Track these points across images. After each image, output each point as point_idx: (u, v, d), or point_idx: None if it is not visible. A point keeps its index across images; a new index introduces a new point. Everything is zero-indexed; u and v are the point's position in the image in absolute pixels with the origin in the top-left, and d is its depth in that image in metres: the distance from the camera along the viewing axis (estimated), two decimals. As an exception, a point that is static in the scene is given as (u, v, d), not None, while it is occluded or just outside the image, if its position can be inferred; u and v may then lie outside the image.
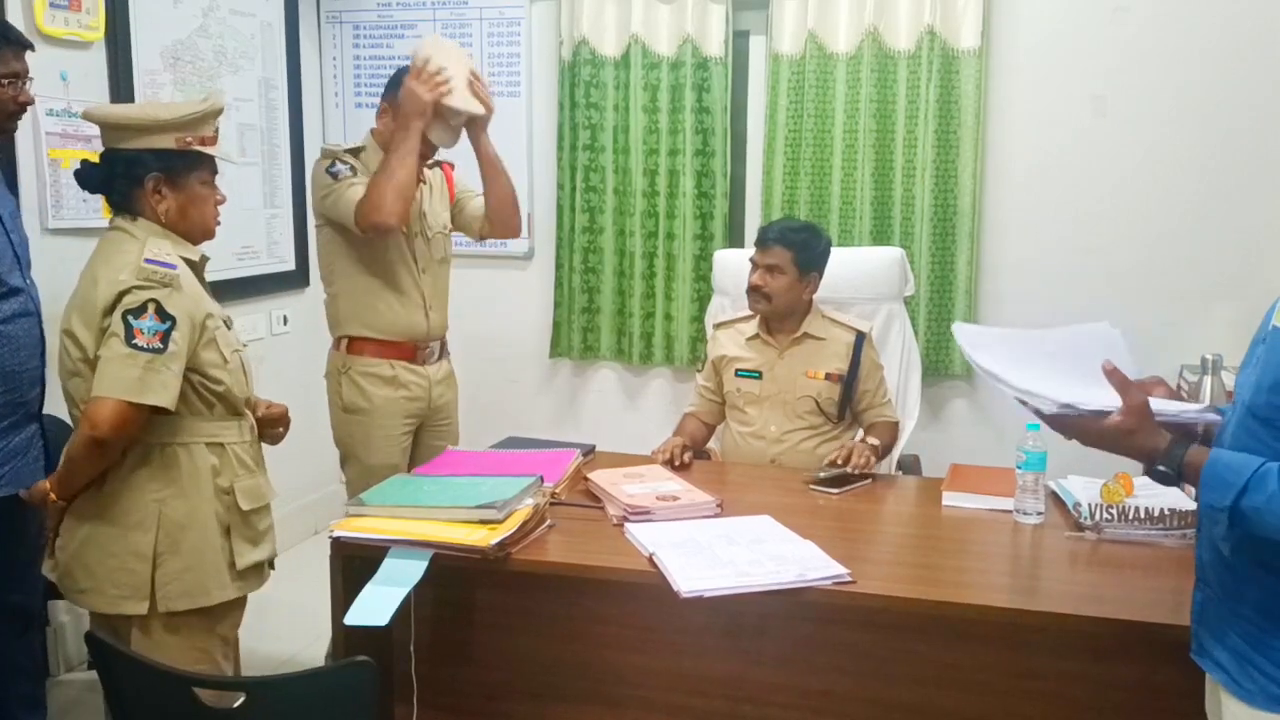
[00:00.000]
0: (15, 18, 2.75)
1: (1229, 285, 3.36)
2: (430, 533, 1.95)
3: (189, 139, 2.00)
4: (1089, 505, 2.11)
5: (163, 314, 1.89)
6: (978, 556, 2.07)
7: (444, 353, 2.95)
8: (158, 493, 1.96)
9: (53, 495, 1.96)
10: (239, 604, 2.10)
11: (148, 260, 1.91)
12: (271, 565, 2.21)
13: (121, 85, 3.09)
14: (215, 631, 2.04)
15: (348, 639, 1.94)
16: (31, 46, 2.38)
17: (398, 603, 1.84)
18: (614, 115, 3.81)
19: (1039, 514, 2.19)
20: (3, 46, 2.29)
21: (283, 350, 3.88)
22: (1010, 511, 2.21)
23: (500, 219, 2.92)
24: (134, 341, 1.86)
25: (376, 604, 1.84)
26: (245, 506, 2.05)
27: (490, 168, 2.86)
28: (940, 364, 3.63)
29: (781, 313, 2.74)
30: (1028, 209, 3.56)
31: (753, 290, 2.73)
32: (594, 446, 2.69)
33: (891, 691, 1.91)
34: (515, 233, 2.99)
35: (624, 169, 3.83)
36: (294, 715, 1.54)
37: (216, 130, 2.06)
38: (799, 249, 2.70)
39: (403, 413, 2.82)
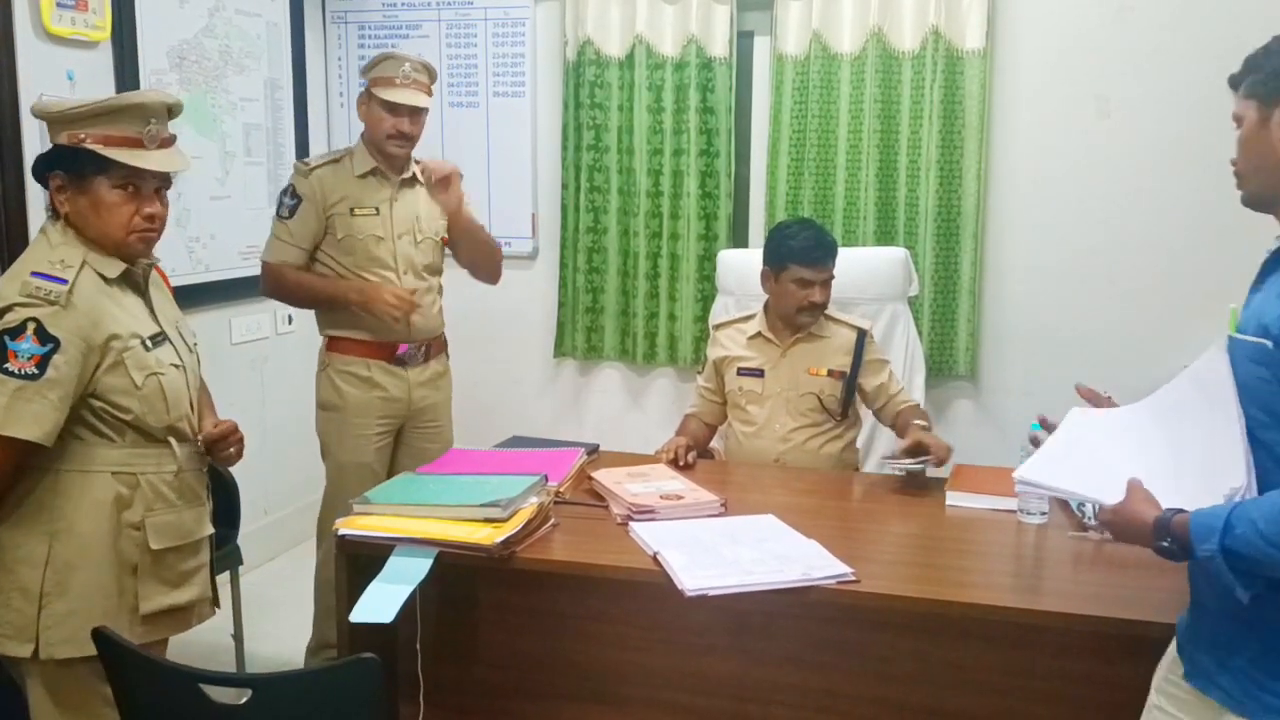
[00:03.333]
0: (22, 17, 2.76)
1: (1234, 286, 3.31)
2: (435, 531, 1.95)
3: (81, 136, 1.77)
4: (1093, 505, 2.11)
5: (43, 335, 1.69)
6: (981, 556, 2.07)
7: (432, 355, 2.93)
8: (48, 525, 1.77)
9: None
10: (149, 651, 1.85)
11: (34, 274, 1.73)
12: (216, 604, 2.03)
13: (127, 85, 3.10)
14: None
15: (353, 637, 1.95)
16: None
17: (403, 600, 1.85)
18: (618, 115, 3.81)
19: (1043, 514, 2.19)
20: None
21: (287, 350, 3.89)
22: (1014, 511, 2.22)
23: (474, 274, 3.03)
24: (5, 365, 1.67)
25: (382, 601, 1.84)
26: (156, 545, 1.84)
27: (461, 233, 2.91)
28: (944, 364, 3.64)
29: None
30: (1032, 210, 3.56)
31: (815, 307, 2.70)
32: (598, 446, 2.69)
33: (895, 691, 1.91)
34: (493, 282, 3.10)
35: (628, 169, 3.83)
36: (300, 712, 1.54)
37: (146, 133, 1.82)
38: (836, 253, 2.74)
39: (377, 412, 2.82)
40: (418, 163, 2.90)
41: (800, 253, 2.68)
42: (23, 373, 1.68)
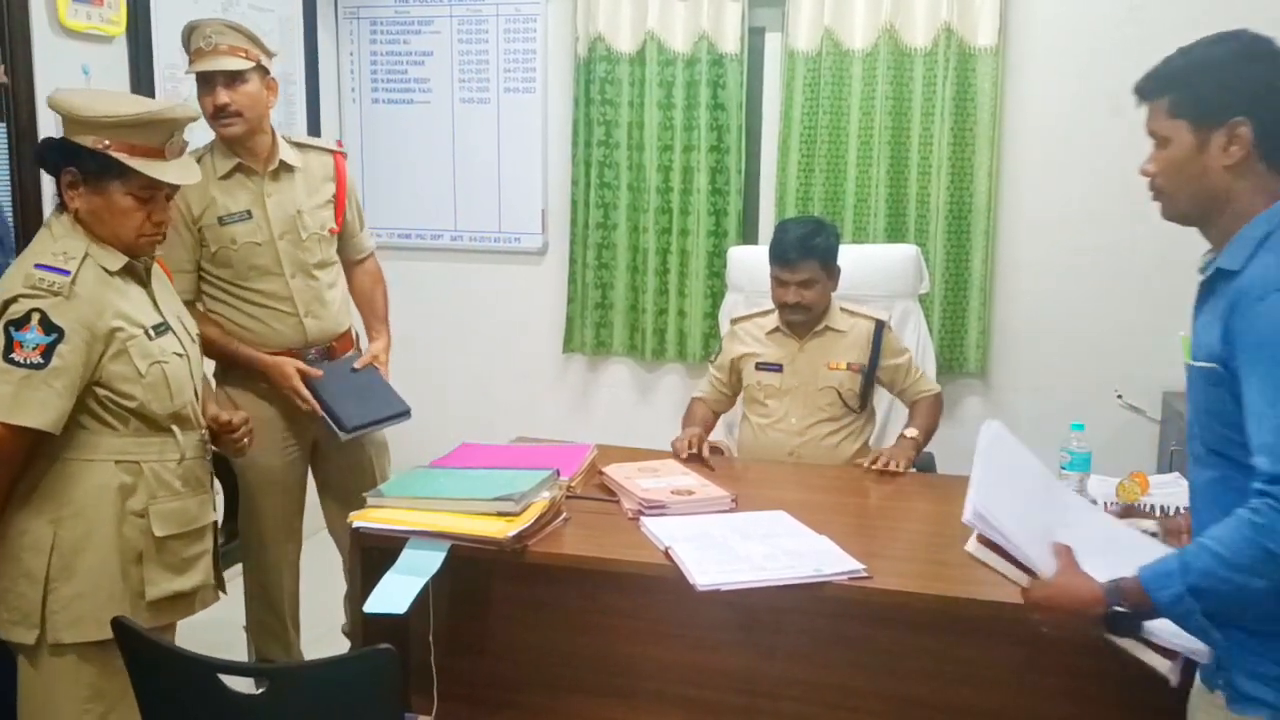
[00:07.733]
0: (38, 12, 2.78)
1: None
2: (448, 524, 1.96)
3: (107, 143, 1.80)
4: (1104, 503, 2.12)
5: (48, 326, 1.73)
6: (992, 553, 2.07)
7: (336, 355, 2.67)
8: (54, 512, 1.81)
9: None
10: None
11: (38, 265, 1.76)
12: (221, 589, 2.05)
13: (142, 79, 3.12)
14: (114, 670, 1.76)
15: (367, 629, 1.96)
16: None
17: (416, 591, 1.86)
18: (629, 111, 3.81)
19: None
20: None
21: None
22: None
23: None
24: (11, 355, 1.71)
25: (395, 592, 1.86)
26: (160, 532, 1.88)
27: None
28: (955, 361, 3.63)
29: (820, 317, 2.75)
30: (1043, 207, 3.55)
31: (790, 307, 2.69)
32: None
33: (906, 687, 1.92)
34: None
35: (638, 165, 3.83)
36: (316, 702, 1.55)
37: (169, 144, 1.86)
38: (823, 255, 2.67)
39: (280, 424, 2.61)
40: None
41: (774, 252, 2.70)
42: (28, 362, 1.72)
